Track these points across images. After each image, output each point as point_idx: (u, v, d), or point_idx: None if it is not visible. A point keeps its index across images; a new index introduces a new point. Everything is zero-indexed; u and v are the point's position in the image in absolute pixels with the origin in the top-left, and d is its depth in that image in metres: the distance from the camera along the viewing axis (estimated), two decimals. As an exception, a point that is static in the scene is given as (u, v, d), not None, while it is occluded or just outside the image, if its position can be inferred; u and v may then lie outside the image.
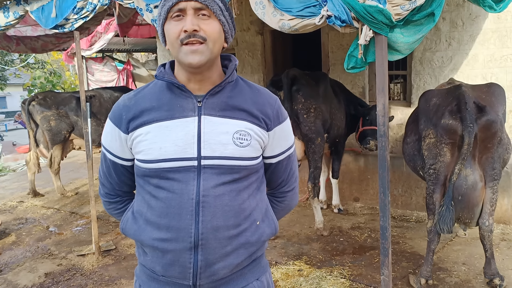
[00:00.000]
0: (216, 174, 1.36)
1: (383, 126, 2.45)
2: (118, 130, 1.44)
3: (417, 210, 5.03)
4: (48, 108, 6.19)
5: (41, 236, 5.06)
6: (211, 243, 1.36)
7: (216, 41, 1.36)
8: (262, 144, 1.45)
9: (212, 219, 1.35)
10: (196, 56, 1.32)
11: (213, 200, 1.35)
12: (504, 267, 3.66)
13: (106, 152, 1.51)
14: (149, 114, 1.40)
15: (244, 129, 1.39)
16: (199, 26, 1.32)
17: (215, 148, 1.36)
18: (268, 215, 1.51)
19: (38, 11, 4.06)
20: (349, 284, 3.56)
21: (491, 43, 5.13)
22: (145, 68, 11.97)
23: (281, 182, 1.57)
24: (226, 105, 1.40)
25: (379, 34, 2.35)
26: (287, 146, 1.52)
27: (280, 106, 1.51)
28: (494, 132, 3.17)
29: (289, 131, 1.53)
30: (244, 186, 1.41)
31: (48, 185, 7.22)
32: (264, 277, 1.53)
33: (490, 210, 3.26)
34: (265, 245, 1.54)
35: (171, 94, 1.42)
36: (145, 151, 1.39)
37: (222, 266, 1.39)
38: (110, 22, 8.83)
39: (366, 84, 6.18)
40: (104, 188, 1.57)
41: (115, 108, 1.48)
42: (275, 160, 1.51)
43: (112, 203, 1.58)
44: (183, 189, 1.35)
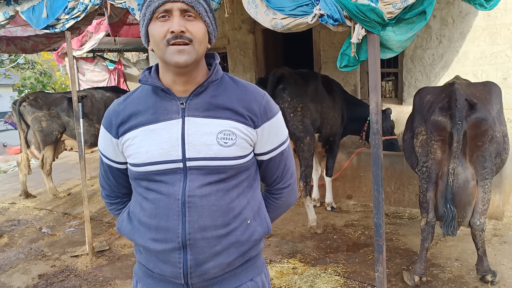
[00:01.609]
0: (202, 175, 1.37)
1: (376, 124, 2.47)
2: (110, 135, 1.48)
3: (410, 207, 5.07)
4: (39, 109, 6.14)
5: (34, 238, 5.03)
6: (199, 242, 1.38)
7: (202, 42, 1.38)
8: (251, 142, 1.43)
9: (199, 219, 1.37)
10: (183, 55, 1.34)
11: (199, 200, 1.36)
12: (496, 262, 3.69)
13: (102, 156, 1.55)
14: (136, 119, 1.43)
15: (229, 128, 1.38)
16: (185, 27, 1.33)
17: (199, 149, 1.37)
18: (261, 214, 1.50)
19: (29, 12, 4.03)
20: (343, 282, 3.57)
21: (481, 41, 5.19)
22: (137, 68, 11.90)
23: (276, 178, 1.55)
24: (210, 105, 1.40)
25: (372, 33, 2.37)
26: (279, 142, 1.49)
27: (269, 101, 1.47)
28: (485, 130, 3.19)
29: (280, 127, 1.49)
30: (232, 185, 1.41)
31: (40, 186, 7.17)
32: (259, 278, 1.52)
33: (482, 210, 3.27)
34: (260, 244, 1.54)
35: (156, 97, 1.44)
36: (133, 155, 1.42)
37: (213, 265, 1.40)
38: (101, 22, 8.77)
39: (357, 82, 6.21)
40: (104, 191, 1.62)
41: (106, 113, 1.51)
42: (266, 157, 1.49)
43: (113, 204, 1.63)
44: (169, 191, 1.37)
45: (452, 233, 3.19)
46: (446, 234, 3.23)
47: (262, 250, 1.57)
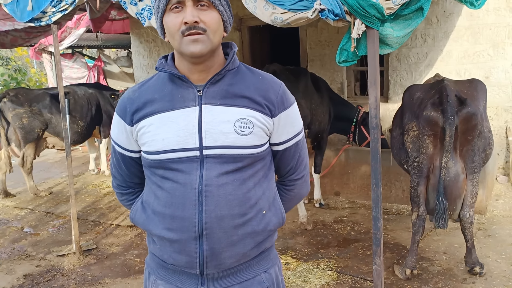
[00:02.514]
0: (219, 164, 1.36)
1: (375, 118, 2.49)
2: (124, 123, 1.47)
3: (397, 203, 5.14)
4: (20, 105, 5.97)
5: (16, 237, 4.89)
6: (216, 232, 1.37)
7: (216, 31, 1.37)
8: (267, 131, 1.43)
9: (216, 209, 1.36)
10: (197, 45, 1.33)
11: (216, 189, 1.36)
12: (482, 255, 3.78)
13: (115, 144, 1.54)
14: (151, 106, 1.42)
15: (246, 116, 1.38)
16: (199, 17, 1.32)
17: (216, 138, 1.36)
18: (276, 204, 1.50)
19: (13, 4, 3.91)
20: (336, 276, 3.61)
21: (465, 40, 5.30)
22: (117, 65, 11.73)
23: (290, 169, 1.54)
24: (227, 93, 1.40)
25: (371, 28, 2.39)
26: (295, 133, 1.49)
27: (286, 91, 1.47)
28: (475, 125, 3.28)
29: (296, 117, 1.49)
30: (249, 174, 1.40)
31: (18, 185, 6.99)
32: (272, 270, 1.52)
33: (470, 202, 3.36)
34: (274, 236, 1.53)
35: (173, 85, 1.43)
36: (149, 142, 1.41)
37: (229, 255, 1.40)
38: (81, 17, 8.60)
39: (344, 80, 6.26)
40: (116, 180, 1.61)
41: (120, 101, 1.50)
42: (282, 147, 1.48)
43: (125, 195, 1.61)
44: (186, 179, 1.37)
45: (443, 226, 3.26)
46: (438, 227, 3.29)
47: (274, 243, 1.57)
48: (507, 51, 5.14)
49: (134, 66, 8.59)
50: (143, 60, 8.31)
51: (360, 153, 5.40)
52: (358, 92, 6.65)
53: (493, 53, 5.20)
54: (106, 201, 5.97)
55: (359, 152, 5.41)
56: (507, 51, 5.14)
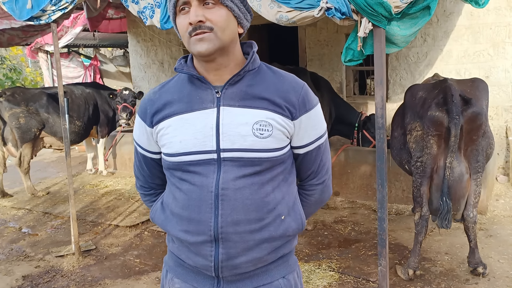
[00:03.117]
0: (236, 167, 1.33)
1: (381, 118, 2.48)
2: (144, 124, 1.46)
3: (397, 203, 5.13)
4: (17, 105, 5.91)
5: (14, 238, 4.84)
6: (232, 237, 1.34)
7: (225, 28, 1.32)
8: (288, 134, 1.38)
9: (232, 213, 1.33)
10: (204, 44, 1.30)
11: (233, 193, 1.33)
12: (484, 255, 3.77)
13: (137, 145, 1.53)
14: (170, 107, 1.40)
15: (265, 119, 1.34)
16: (204, 16, 1.29)
17: (234, 140, 1.33)
18: (296, 209, 1.45)
19: (12, 2, 3.86)
20: (338, 277, 3.59)
21: (465, 39, 5.30)
22: (113, 64, 11.65)
23: (311, 174, 1.49)
24: (246, 94, 1.36)
25: (378, 27, 2.37)
26: (317, 136, 1.43)
27: (308, 92, 1.41)
28: (480, 124, 3.27)
29: (318, 120, 1.44)
30: (267, 178, 1.36)
31: (15, 185, 6.92)
32: (291, 276, 1.48)
33: (474, 202, 3.36)
34: (294, 242, 1.49)
35: (192, 86, 1.41)
36: (167, 144, 1.40)
37: (245, 260, 1.37)
38: (78, 16, 8.54)
39: (343, 79, 6.25)
40: (139, 181, 1.60)
41: (141, 102, 1.50)
42: (303, 150, 1.43)
43: (147, 195, 1.60)
44: (203, 182, 1.34)
45: (446, 226, 3.25)
46: (441, 227, 3.28)
47: (294, 249, 1.53)
48: (507, 50, 5.14)
49: (131, 65, 8.54)
50: (140, 59, 8.27)
51: (360, 153, 5.39)
52: (357, 92, 6.64)
53: (493, 53, 5.20)
54: (104, 201, 5.92)
55: (359, 152, 5.40)
56: (507, 50, 5.14)
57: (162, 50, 8.00)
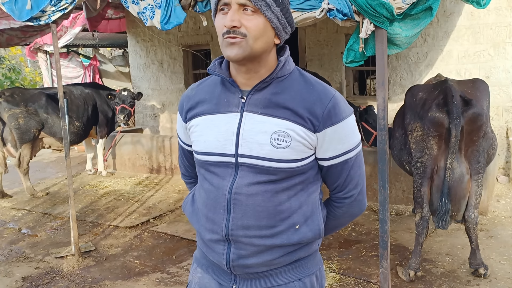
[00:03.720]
0: (252, 173, 1.35)
1: (383, 120, 2.47)
2: (181, 118, 1.54)
3: (397, 204, 5.13)
4: (16, 105, 5.89)
5: (13, 239, 4.82)
6: (242, 240, 1.37)
7: (258, 37, 1.30)
8: (309, 146, 1.35)
9: (243, 217, 1.36)
10: (233, 49, 1.30)
11: (245, 198, 1.35)
12: (485, 256, 3.77)
13: (178, 137, 1.62)
14: (202, 106, 1.45)
15: (284, 129, 1.32)
16: (240, 21, 1.29)
17: (252, 147, 1.34)
18: (314, 219, 1.42)
19: (11, 3, 3.84)
20: (339, 278, 3.58)
21: (465, 40, 5.29)
22: (112, 64, 11.63)
23: (337, 187, 1.45)
24: (269, 102, 1.35)
25: (380, 28, 2.36)
26: (344, 150, 1.37)
27: (337, 104, 1.35)
28: (480, 125, 3.26)
29: (347, 134, 1.37)
30: (283, 187, 1.36)
31: (14, 186, 6.91)
32: (308, 279, 1.46)
33: (475, 203, 3.35)
34: (312, 246, 1.47)
35: (222, 88, 1.43)
36: (195, 142, 1.47)
37: (255, 262, 1.39)
38: (77, 16, 8.52)
39: (343, 79, 6.24)
40: (181, 169, 1.71)
41: (181, 97, 1.56)
42: (326, 163, 1.40)
43: (189, 184, 1.71)
44: (220, 184, 1.39)
45: (443, 227, 3.24)
46: (437, 227, 3.29)
47: (317, 251, 1.50)
48: (507, 51, 5.13)
49: (130, 65, 8.53)
50: (140, 60, 8.25)
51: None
52: (356, 92, 6.63)
53: (493, 53, 5.19)
54: (104, 202, 5.91)
55: (359, 153, 5.38)
56: (507, 51, 5.13)
57: (162, 50, 7.98)
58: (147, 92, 8.23)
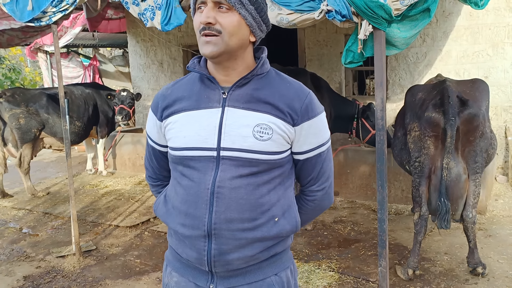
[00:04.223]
0: (234, 166, 1.38)
1: (381, 120, 2.49)
2: (155, 117, 1.54)
3: (396, 203, 5.15)
4: (17, 106, 5.92)
5: (14, 238, 4.85)
6: (224, 233, 1.40)
7: (233, 34, 1.36)
8: (288, 139, 1.42)
9: (226, 211, 1.39)
10: (209, 46, 1.35)
11: (228, 192, 1.38)
12: (483, 255, 3.79)
13: (148, 137, 1.62)
14: (180, 104, 1.47)
15: (266, 122, 1.38)
16: (215, 18, 1.34)
17: (234, 140, 1.38)
18: (291, 212, 1.49)
19: (12, 4, 3.87)
20: (338, 277, 3.60)
21: (464, 40, 5.31)
22: (112, 64, 11.66)
23: (310, 180, 1.52)
24: (251, 97, 1.41)
25: (378, 29, 2.39)
26: (318, 144, 1.46)
27: (312, 100, 1.44)
28: (476, 126, 3.28)
29: (321, 128, 1.46)
30: (263, 180, 1.41)
31: (15, 185, 6.93)
32: (284, 273, 1.51)
33: (473, 203, 3.37)
34: (287, 241, 1.53)
35: (201, 85, 1.47)
36: (173, 138, 1.47)
37: (236, 257, 1.41)
38: (77, 16, 8.55)
39: (342, 79, 6.26)
40: (148, 172, 1.69)
41: (155, 97, 1.57)
42: (302, 156, 1.47)
43: (155, 186, 1.69)
44: (201, 178, 1.40)
45: (446, 226, 3.27)
46: (440, 227, 3.30)
47: (289, 246, 1.56)
48: (506, 51, 5.16)
49: (130, 65, 8.55)
50: (140, 60, 8.27)
51: (359, 153, 5.41)
52: (356, 92, 6.66)
53: (492, 53, 5.22)
54: (104, 202, 5.93)
55: (358, 152, 5.42)
56: (506, 51, 5.16)
57: (162, 50, 8.00)
58: (147, 92, 8.25)
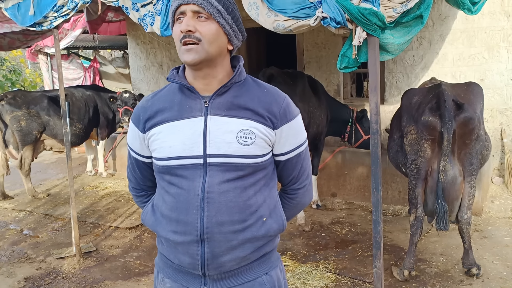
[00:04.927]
0: (221, 172, 1.44)
1: (375, 124, 2.54)
2: (137, 130, 1.57)
3: (393, 204, 5.20)
4: (18, 108, 5.97)
5: (15, 240, 4.90)
6: (216, 237, 1.45)
7: (212, 41, 1.43)
8: (269, 142, 1.49)
9: (217, 214, 1.44)
10: (190, 54, 1.41)
11: (218, 196, 1.44)
12: (479, 256, 3.85)
13: (130, 149, 1.64)
14: (162, 115, 1.51)
15: (249, 127, 1.45)
16: (195, 27, 1.41)
17: (219, 147, 1.44)
18: (277, 212, 1.56)
19: (14, 9, 3.92)
20: (335, 278, 3.65)
21: (460, 43, 5.37)
22: (113, 66, 11.71)
23: (292, 179, 1.60)
24: (232, 105, 1.47)
25: (372, 36, 2.44)
26: (297, 144, 1.55)
27: (289, 104, 1.53)
28: (472, 129, 3.34)
29: (298, 129, 1.55)
30: (250, 183, 1.47)
31: (15, 187, 6.98)
32: (274, 272, 1.58)
33: (468, 204, 3.43)
34: (275, 240, 1.60)
35: (182, 95, 1.51)
36: (158, 149, 1.51)
37: (229, 259, 1.47)
38: (78, 19, 8.60)
39: (340, 82, 6.32)
40: (131, 183, 1.71)
41: (135, 109, 1.60)
42: (284, 157, 1.54)
43: (139, 197, 1.72)
44: (190, 186, 1.45)
45: (444, 228, 3.32)
46: (439, 229, 3.36)
47: (277, 246, 1.62)
48: (501, 54, 5.21)
49: (130, 67, 8.60)
50: (140, 62, 8.32)
51: (357, 155, 5.46)
52: (354, 94, 6.71)
53: (488, 56, 5.27)
54: (104, 203, 5.98)
55: (356, 154, 5.47)
56: (501, 54, 5.21)
57: (162, 52, 8.05)
58: (147, 94, 8.24)
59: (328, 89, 5.98)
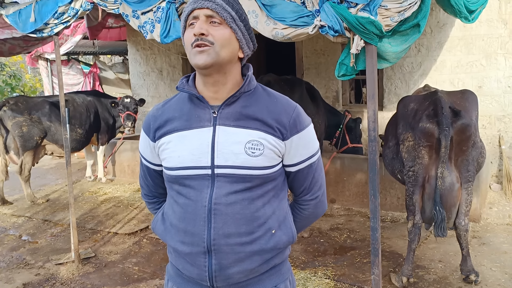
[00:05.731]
0: (229, 183, 1.42)
1: (373, 131, 2.56)
2: (148, 138, 1.57)
3: (392, 210, 5.22)
4: (20, 114, 6.00)
5: (14, 246, 4.90)
6: (223, 249, 1.43)
7: (224, 46, 1.41)
8: (279, 153, 1.46)
9: (224, 226, 1.42)
10: (202, 56, 1.39)
11: (225, 208, 1.42)
12: (477, 263, 3.85)
13: (141, 157, 1.64)
14: (171, 124, 1.50)
15: (257, 138, 1.42)
16: (208, 31, 1.39)
17: (227, 157, 1.42)
18: (287, 223, 1.53)
19: (15, 15, 3.96)
20: (333, 284, 3.66)
21: (458, 50, 5.40)
22: (112, 71, 11.75)
23: (303, 190, 1.57)
24: (240, 115, 1.45)
25: (370, 44, 2.46)
26: (308, 155, 1.51)
27: (300, 114, 1.49)
28: (469, 136, 3.36)
29: (310, 140, 1.51)
30: (258, 194, 1.45)
31: (15, 192, 6.98)
32: (283, 285, 1.55)
33: (465, 211, 3.44)
34: (285, 252, 1.56)
35: (191, 104, 1.50)
36: (167, 159, 1.50)
37: (237, 271, 1.45)
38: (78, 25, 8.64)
39: (339, 88, 6.35)
40: (143, 190, 1.71)
41: (146, 117, 1.59)
42: (294, 168, 1.51)
43: (151, 203, 1.72)
44: (197, 196, 1.44)
45: (442, 234, 3.33)
46: (437, 236, 3.37)
47: (287, 257, 1.60)
48: (499, 61, 5.24)
49: (130, 73, 8.64)
50: (140, 67, 8.36)
51: (356, 161, 5.48)
52: (353, 100, 6.74)
53: (486, 63, 5.30)
54: (104, 209, 5.99)
55: (354, 160, 5.49)
56: (499, 61, 5.24)
57: (161, 58, 8.10)
58: (147, 99, 8.31)
59: (327, 96, 6.02)
